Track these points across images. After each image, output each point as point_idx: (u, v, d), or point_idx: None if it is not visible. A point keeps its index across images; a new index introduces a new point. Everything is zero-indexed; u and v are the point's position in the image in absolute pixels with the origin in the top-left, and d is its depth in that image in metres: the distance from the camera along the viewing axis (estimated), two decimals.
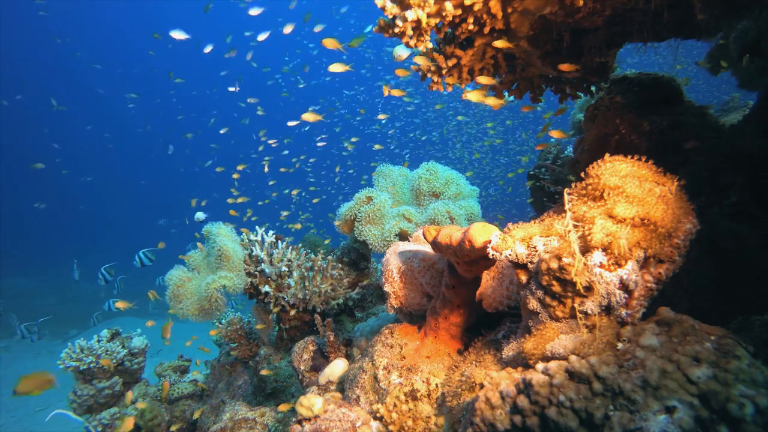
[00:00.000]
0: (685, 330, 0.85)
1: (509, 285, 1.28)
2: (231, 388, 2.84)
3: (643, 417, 0.73)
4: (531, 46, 1.46)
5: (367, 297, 2.86)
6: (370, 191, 2.70)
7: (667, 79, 1.61)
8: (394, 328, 1.59)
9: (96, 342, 3.14)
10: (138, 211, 27.33)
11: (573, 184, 1.09)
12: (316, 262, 2.68)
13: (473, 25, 1.34)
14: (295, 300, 2.61)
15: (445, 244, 1.23)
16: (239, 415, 2.18)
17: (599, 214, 0.95)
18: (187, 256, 2.66)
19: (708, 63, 2.44)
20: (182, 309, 2.47)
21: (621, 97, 1.60)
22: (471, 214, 2.65)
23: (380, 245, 2.50)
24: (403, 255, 1.64)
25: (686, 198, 1.00)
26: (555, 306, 0.96)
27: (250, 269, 2.62)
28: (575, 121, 4.00)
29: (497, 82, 1.65)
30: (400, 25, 1.28)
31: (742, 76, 2.20)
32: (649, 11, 1.31)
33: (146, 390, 3.28)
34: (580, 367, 0.81)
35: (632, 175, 1.00)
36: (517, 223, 1.10)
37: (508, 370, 0.99)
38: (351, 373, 1.65)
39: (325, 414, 1.40)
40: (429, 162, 2.92)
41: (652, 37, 1.44)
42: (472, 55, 1.50)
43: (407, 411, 1.32)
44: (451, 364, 1.38)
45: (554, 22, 1.37)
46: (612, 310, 0.92)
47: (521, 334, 1.08)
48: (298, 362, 2.16)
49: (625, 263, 0.89)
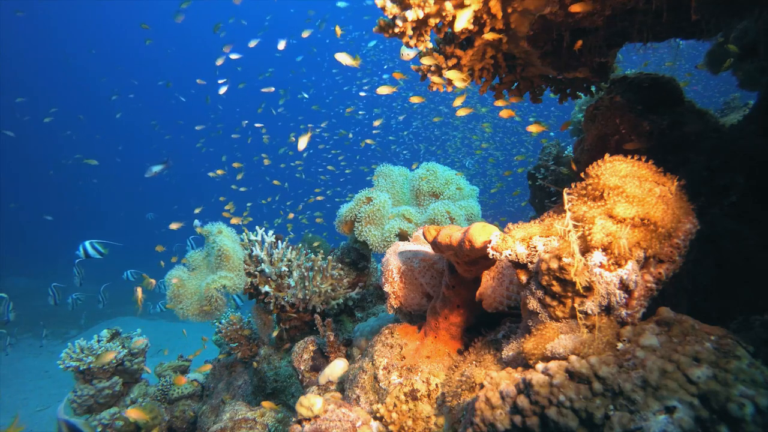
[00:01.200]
0: (685, 330, 0.85)
1: (509, 285, 1.28)
2: (231, 388, 2.84)
3: (643, 417, 0.73)
4: (531, 46, 1.46)
5: (367, 297, 2.86)
6: (369, 191, 2.70)
7: (667, 79, 1.61)
8: (394, 328, 1.59)
9: (96, 342, 3.13)
10: (138, 210, 27.37)
11: (573, 184, 1.09)
12: (316, 262, 2.68)
13: (473, 25, 1.34)
14: (295, 300, 2.61)
15: (445, 244, 1.23)
16: (239, 415, 2.18)
17: (599, 214, 0.95)
18: (185, 258, 2.66)
19: (708, 63, 2.44)
20: (182, 309, 2.47)
21: (621, 97, 1.60)
22: (471, 215, 2.65)
23: (380, 245, 2.50)
24: (403, 255, 1.64)
25: (686, 198, 1.00)
26: (555, 306, 0.96)
27: (250, 269, 2.62)
28: (575, 121, 4.00)
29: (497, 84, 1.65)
30: (400, 25, 1.28)
31: (742, 76, 2.20)
32: (649, 11, 1.31)
33: (146, 390, 3.28)
34: (580, 367, 0.81)
35: (632, 175, 1.00)
36: (517, 223, 1.10)
37: (508, 370, 0.99)
38: (351, 373, 1.65)
39: (325, 414, 1.40)
40: (429, 162, 2.92)
41: (652, 37, 1.44)
42: (472, 55, 1.50)
43: (407, 411, 1.32)
44: (451, 364, 1.38)
45: (554, 22, 1.37)
46: (612, 310, 0.92)
47: (521, 334, 1.08)
48: (298, 362, 2.16)
49: (625, 263, 0.89)
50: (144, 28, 8.12)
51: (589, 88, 1.72)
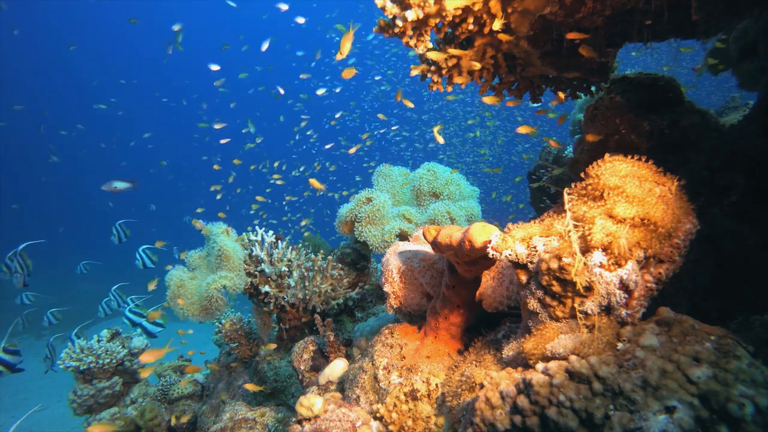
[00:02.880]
0: (685, 330, 0.85)
1: (509, 285, 1.28)
2: (231, 388, 2.84)
3: (643, 417, 0.73)
4: (531, 46, 1.46)
5: (367, 297, 2.86)
6: (369, 192, 2.70)
7: (667, 79, 1.61)
8: (394, 328, 1.59)
9: (96, 342, 3.14)
10: (138, 211, 27.39)
11: (573, 184, 1.09)
12: (316, 262, 2.68)
13: (473, 25, 1.34)
14: (295, 300, 2.61)
15: (445, 244, 1.23)
16: (239, 415, 2.18)
17: (599, 214, 0.95)
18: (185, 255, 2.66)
19: (707, 63, 2.44)
20: (183, 309, 2.47)
21: (621, 97, 1.60)
22: (471, 215, 2.65)
23: (380, 246, 2.50)
24: (403, 255, 1.64)
25: (686, 198, 1.00)
26: (555, 306, 0.96)
27: (250, 269, 2.62)
28: (575, 121, 4.00)
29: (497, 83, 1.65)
30: (400, 25, 1.28)
31: (742, 76, 2.20)
32: (649, 11, 1.31)
33: (146, 390, 3.28)
34: (580, 367, 0.81)
35: (632, 175, 1.00)
36: (517, 223, 1.10)
37: (508, 370, 0.99)
38: (351, 373, 1.65)
39: (325, 414, 1.40)
40: (430, 162, 2.92)
41: (652, 37, 1.44)
42: (472, 55, 1.50)
43: (407, 411, 1.32)
44: (451, 364, 1.38)
45: (554, 22, 1.37)
46: (612, 310, 0.92)
47: (521, 334, 1.08)
48: (298, 362, 2.16)
49: (625, 263, 0.89)
50: (132, 22, 8.16)
51: (589, 88, 1.72)
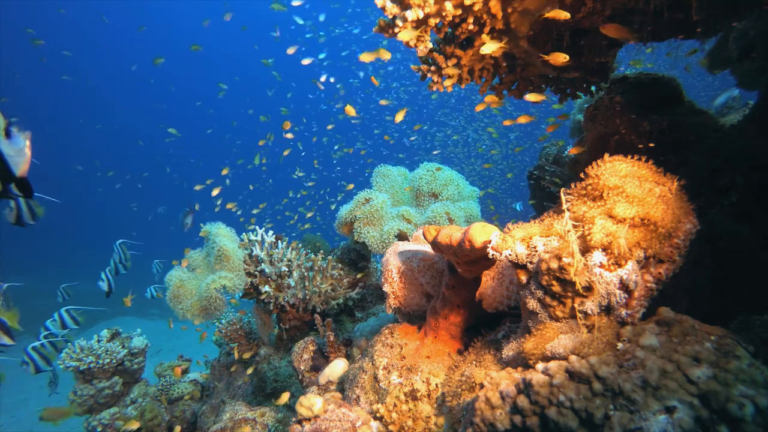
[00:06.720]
0: (685, 330, 0.85)
1: (509, 285, 1.28)
2: (231, 388, 2.84)
3: (643, 417, 0.73)
4: (531, 46, 1.46)
5: (367, 297, 2.86)
6: (368, 192, 2.70)
7: (667, 79, 1.61)
8: (394, 328, 1.59)
9: (96, 342, 3.13)
10: (137, 211, 27.32)
11: (573, 184, 1.09)
12: (316, 262, 2.68)
13: (473, 25, 1.34)
14: (295, 300, 2.61)
15: (445, 244, 1.23)
16: (239, 415, 2.18)
17: (599, 214, 0.95)
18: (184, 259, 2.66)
19: (707, 62, 2.44)
20: (182, 309, 2.47)
21: (621, 97, 1.60)
22: (470, 216, 2.65)
23: (379, 246, 2.50)
24: (403, 255, 1.64)
25: (686, 198, 1.00)
26: (555, 306, 0.96)
27: (250, 269, 2.62)
28: (575, 121, 4.00)
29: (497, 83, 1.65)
30: (400, 25, 1.28)
31: (742, 76, 2.20)
32: (649, 11, 1.31)
33: (146, 390, 3.28)
34: (580, 367, 0.81)
35: (632, 175, 1.00)
36: (517, 223, 1.10)
37: (508, 370, 0.99)
38: (351, 373, 1.65)
39: (325, 414, 1.40)
40: (429, 162, 2.92)
41: (652, 37, 1.44)
42: (472, 55, 1.50)
43: (407, 411, 1.32)
44: (451, 364, 1.38)
45: (554, 22, 1.37)
46: (612, 310, 0.92)
47: (521, 334, 1.08)
48: (298, 362, 2.16)
49: (625, 263, 0.89)
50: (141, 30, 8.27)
51: (589, 88, 1.72)
